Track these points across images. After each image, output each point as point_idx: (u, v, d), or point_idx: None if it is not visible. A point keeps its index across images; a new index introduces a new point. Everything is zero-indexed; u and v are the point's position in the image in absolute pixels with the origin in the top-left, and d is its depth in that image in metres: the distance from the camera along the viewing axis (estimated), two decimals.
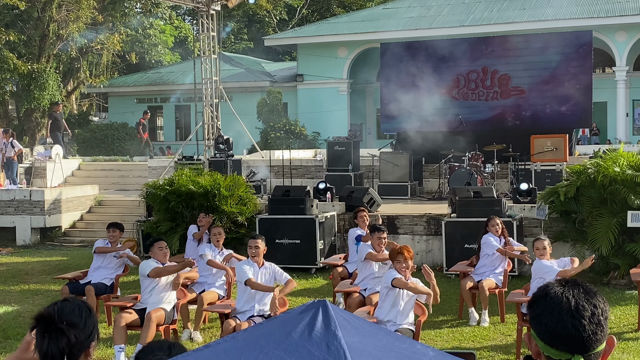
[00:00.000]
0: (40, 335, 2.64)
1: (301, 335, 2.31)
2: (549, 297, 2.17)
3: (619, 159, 11.35)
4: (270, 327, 2.47)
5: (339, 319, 2.36)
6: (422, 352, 2.47)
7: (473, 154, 16.47)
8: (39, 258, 15.18)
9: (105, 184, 20.81)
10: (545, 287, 2.22)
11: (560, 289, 2.18)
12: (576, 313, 2.11)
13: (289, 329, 2.34)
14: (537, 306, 2.18)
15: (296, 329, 2.33)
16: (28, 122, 27.31)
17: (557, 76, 17.90)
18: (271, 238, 12.98)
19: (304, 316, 2.38)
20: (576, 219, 11.65)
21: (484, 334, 8.93)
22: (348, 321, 2.44)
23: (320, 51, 30.75)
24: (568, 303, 2.13)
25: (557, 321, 2.12)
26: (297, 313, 2.42)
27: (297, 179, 18.91)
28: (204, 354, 2.44)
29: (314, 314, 2.37)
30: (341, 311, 2.49)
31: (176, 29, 42.09)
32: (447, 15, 29.78)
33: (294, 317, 2.40)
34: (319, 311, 2.38)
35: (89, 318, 2.73)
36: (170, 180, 13.77)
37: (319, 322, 2.34)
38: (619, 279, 11.23)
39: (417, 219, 13.44)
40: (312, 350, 2.27)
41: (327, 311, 2.37)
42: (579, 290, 2.17)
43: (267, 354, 2.29)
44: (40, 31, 26.31)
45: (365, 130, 32.20)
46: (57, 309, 2.67)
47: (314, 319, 2.35)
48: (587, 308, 2.12)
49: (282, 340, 2.32)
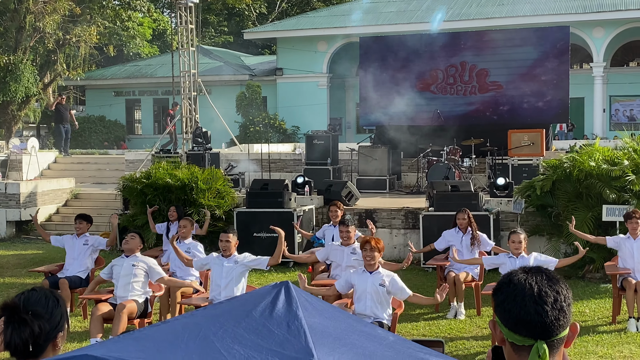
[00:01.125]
0: (5, 325, 2.60)
1: (262, 314, 2.31)
2: (512, 284, 2.19)
3: (595, 154, 11.45)
4: (230, 305, 2.46)
5: (301, 300, 2.36)
6: (382, 336, 2.47)
7: (451, 149, 16.53)
8: (14, 251, 15.03)
9: (81, 177, 20.63)
10: (509, 275, 2.25)
11: (523, 276, 2.20)
12: (539, 299, 2.13)
13: (250, 308, 2.33)
14: (501, 293, 2.21)
15: (257, 308, 2.33)
16: (4, 115, 26.99)
17: (534, 71, 18.01)
18: (249, 232, 12.96)
19: (265, 296, 2.37)
20: (552, 213, 11.73)
21: (460, 326, 8.98)
22: (310, 303, 2.43)
23: (300, 45, 30.71)
24: (531, 289, 2.15)
25: (520, 307, 2.13)
26: (259, 294, 2.42)
27: (276, 173, 18.88)
28: (162, 328, 2.42)
29: (276, 294, 2.36)
30: (304, 293, 2.48)
31: (154, 21, 41.81)
32: (427, 10, 29.85)
33: (255, 297, 2.39)
34: (281, 291, 2.38)
35: (56, 308, 2.69)
36: (147, 174, 13.69)
37: (280, 302, 2.33)
38: (593, 272, 11.33)
39: (395, 213, 13.47)
40: (272, 329, 2.27)
41: (290, 292, 2.37)
42: (542, 277, 2.19)
43: (227, 330, 2.28)
44: (17, 23, 26.00)
45: (344, 124, 32.24)
46: (24, 299, 2.64)
47: (276, 298, 2.34)
48: (550, 294, 2.14)
49: (243, 318, 2.31)
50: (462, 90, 18.54)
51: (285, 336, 2.24)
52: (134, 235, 8.32)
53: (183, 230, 9.57)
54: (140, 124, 35.19)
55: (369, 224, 10.14)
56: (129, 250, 8.19)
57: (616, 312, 9.05)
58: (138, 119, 35.22)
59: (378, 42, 19.83)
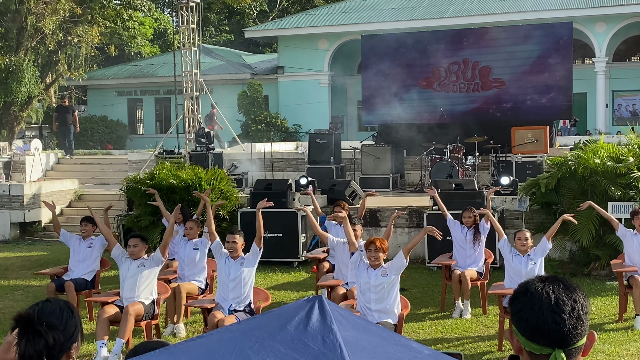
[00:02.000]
0: (19, 336, 2.59)
1: (296, 328, 2.31)
2: (529, 293, 2.19)
3: (599, 151, 11.43)
4: (265, 319, 2.45)
5: (335, 314, 2.36)
6: (417, 349, 2.47)
7: (454, 146, 16.51)
8: (18, 253, 15.04)
9: (85, 178, 20.64)
10: (526, 283, 2.25)
11: (540, 285, 2.20)
12: (556, 307, 2.13)
13: (284, 322, 2.34)
14: (518, 302, 2.20)
15: (291, 322, 2.33)
16: (6, 116, 26.99)
17: (537, 68, 17.97)
18: (253, 232, 12.90)
19: (299, 310, 2.37)
20: (557, 210, 11.70)
21: (466, 326, 8.97)
22: (344, 316, 2.44)
23: (301, 43, 30.67)
24: (548, 298, 2.15)
25: (537, 316, 2.13)
26: (292, 308, 2.42)
27: (279, 172, 18.87)
28: (197, 343, 2.43)
29: (310, 308, 2.36)
30: (337, 307, 2.49)
31: (155, 20, 41.78)
32: (428, 6, 29.81)
33: (289, 311, 2.39)
34: (315, 305, 2.38)
35: (70, 319, 2.68)
36: (151, 174, 13.68)
37: (314, 316, 2.33)
38: (599, 269, 11.32)
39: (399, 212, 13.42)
40: (307, 342, 2.27)
41: (323, 306, 2.37)
42: (559, 285, 2.19)
43: (262, 344, 2.28)
44: (18, 24, 25.98)
45: (346, 122, 32.17)
46: (37, 310, 2.63)
47: (310, 312, 2.35)
48: (567, 303, 2.14)
49: (277, 331, 2.32)
50: (465, 88, 18.50)
51: (321, 350, 2.24)
52: (136, 242, 8.19)
53: (190, 232, 9.55)
54: (142, 123, 35.18)
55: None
56: (135, 256, 8.13)
57: (623, 310, 9.04)
58: (140, 119, 35.21)
59: (380, 40, 19.80)
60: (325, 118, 29.29)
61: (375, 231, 13.45)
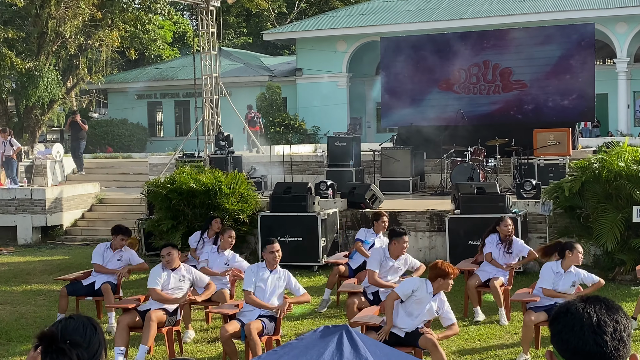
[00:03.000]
0: (43, 355, 2.58)
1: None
2: (570, 313, 2.14)
3: (624, 154, 11.28)
4: (293, 353, 2.39)
5: (367, 343, 2.31)
6: None
7: (475, 149, 16.39)
8: (40, 257, 15.11)
9: (106, 182, 20.75)
10: (567, 304, 2.20)
11: (581, 305, 2.15)
12: (598, 329, 2.08)
13: (316, 355, 2.28)
14: (558, 323, 2.15)
15: (323, 356, 2.27)
16: (28, 120, 27.20)
17: (559, 69, 17.81)
18: (273, 235, 12.86)
19: (328, 341, 2.32)
20: (581, 214, 11.57)
21: (490, 332, 8.87)
22: (376, 346, 2.39)
23: (319, 45, 30.65)
24: (589, 319, 2.10)
25: (578, 337, 2.08)
26: (318, 337, 2.36)
27: (298, 175, 18.84)
28: None
29: (339, 339, 2.31)
30: (364, 336, 2.44)
31: (175, 24, 41.96)
32: (447, 8, 29.68)
33: (316, 342, 2.34)
34: (343, 336, 2.32)
35: (94, 336, 2.66)
36: (172, 178, 13.70)
37: (346, 347, 2.28)
38: (624, 274, 11.18)
39: (419, 215, 13.37)
40: None
41: (352, 335, 2.32)
42: (601, 306, 2.14)
43: None
44: (39, 28, 26.17)
45: (364, 124, 32.12)
46: (61, 328, 2.61)
47: (340, 343, 2.30)
48: (609, 324, 2.09)
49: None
50: (486, 90, 18.38)
51: None
52: (170, 250, 8.03)
53: (228, 240, 9.44)
54: (162, 126, 35.34)
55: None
56: (170, 265, 8.00)
57: None
58: (160, 122, 35.38)
59: (399, 42, 19.71)
60: (343, 120, 29.26)
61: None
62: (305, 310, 10.11)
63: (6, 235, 17.17)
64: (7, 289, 12.08)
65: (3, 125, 20.60)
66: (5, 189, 17.48)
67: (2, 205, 17.18)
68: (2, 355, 8.42)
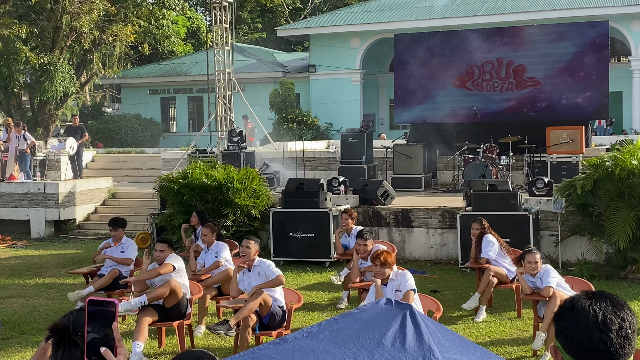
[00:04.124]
0: (55, 347, 2.61)
1: (393, 345, 2.26)
2: (576, 310, 2.14)
3: (637, 152, 11.21)
4: (355, 328, 2.36)
5: (432, 330, 2.31)
6: None
7: (488, 146, 16.34)
8: (53, 251, 15.22)
9: (119, 176, 20.85)
10: (572, 300, 2.20)
11: (587, 302, 2.15)
12: (603, 326, 2.08)
13: (378, 336, 2.28)
14: (564, 319, 2.15)
15: (386, 337, 2.27)
16: (42, 114, 27.37)
17: (573, 67, 17.72)
18: (285, 231, 12.99)
19: (390, 321, 2.31)
20: (593, 212, 11.52)
21: (501, 329, 8.86)
22: (441, 333, 2.38)
23: (333, 41, 30.63)
24: (595, 316, 2.10)
25: (584, 335, 2.09)
26: (381, 315, 2.34)
27: (310, 171, 18.85)
28: (289, 348, 2.34)
29: (402, 320, 2.30)
30: (429, 320, 2.43)
31: (188, 19, 42.04)
32: (460, 4, 29.57)
33: (378, 319, 2.33)
34: (407, 317, 2.32)
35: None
36: (184, 174, 13.75)
37: (410, 331, 2.28)
38: (636, 273, 11.13)
39: (431, 212, 13.35)
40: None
41: (416, 319, 2.32)
42: (607, 302, 2.14)
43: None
44: (53, 23, 26.30)
45: (377, 121, 32.09)
46: (73, 320, 2.63)
47: (403, 326, 2.29)
48: (615, 321, 2.09)
49: (374, 348, 2.26)
50: (499, 87, 18.32)
51: None
52: (162, 247, 8.15)
53: (204, 238, 9.56)
54: (175, 121, 35.44)
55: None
56: (160, 259, 8.12)
57: None
58: (173, 117, 35.48)
59: (413, 39, 19.68)
60: (356, 116, 29.24)
61: (407, 232, 13.38)
62: (323, 304, 10.14)
63: (20, 229, 17.30)
64: (20, 282, 12.18)
65: (17, 120, 20.70)
66: (19, 183, 17.61)
67: (16, 199, 17.32)
68: (15, 347, 8.50)
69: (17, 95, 27.57)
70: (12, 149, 18.38)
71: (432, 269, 12.45)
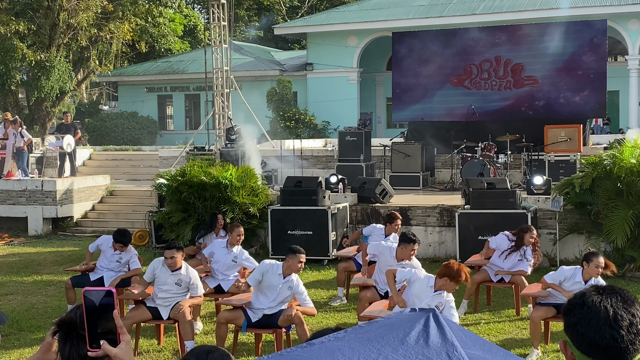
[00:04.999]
0: (62, 341, 2.62)
1: (417, 342, 2.28)
2: (586, 306, 2.12)
3: (635, 150, 11.24)
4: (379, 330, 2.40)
5: (454, 330, 2.33)
6: None
7: (486, 144, 16.36)
8: (51, 248, 15.19)
9: (116, 174, 20.81)
10: (582, 295, 2.18)
11: (598, 298, 2.13)
12: (614, 323, 2.07)
13: (402, 335, 2.30)
14: (574, 315, 2.14)
15: (410, 335, 2.29)
16: (38, 112, 27.32)
17: (570, 65, 17.76)
18: (283, 229, 12.98)
19: (414, 323, 2.34)
20: (591, 210, 11.54)
21: (500, 327, 8.87)
22: (463, 332, 2.40)
23: (330, 40, 30.61)
24: (606, 312, 2.09)
25: (595, 331, 2.08)
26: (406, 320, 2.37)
27: (308, 169, 18.84)
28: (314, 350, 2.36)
29: (425, 322, 2.33)
30: (450, 321, 2.45)
31: (185, 17, 41.99)
32: (458, 3, 29.57)
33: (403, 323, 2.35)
34: (430, 319, 2.34)
35: None
36: (182, 171, 13.73)
37: (433, 330, 2.30)
38: (634, 271, 11.15)
39: (429, 210, 13.36)
40: (431, 357, 2.25)
41: (439, 320, 2.34)
42: (617, 298, 2.13)
43: (386, 357, 2.26)
44: (51, 20, 26.24)
45: (375, 120, 32.10)
46: (79, 315, 2.64)
47: (427, 326, 2.31)
48: (626, 317, 2.08)
49: (398, 345, 2.29)
50: (497, 85, 18.34)
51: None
52: (174, 253, 7.84)
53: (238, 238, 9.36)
54: (172, 119, 35.40)
55: None
56: (172, 266, 7.87)
57: None
58: (170, 115, 35.43)
59: (410, 37, 19.69)
60: (354, 115, 29.23)
61: (405, 229, 13.35)
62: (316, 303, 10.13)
63: (17, 226, 17.27)
64: (18, 279, 12.16)
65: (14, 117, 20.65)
66: (17, 180, 17.57)
67: (14, 196, 17.28)
68: (14, 344, 8.48)
69: (14, 92, 27.50)
70: (9, 146, 18.33)
71: (431, 267, 12.44)
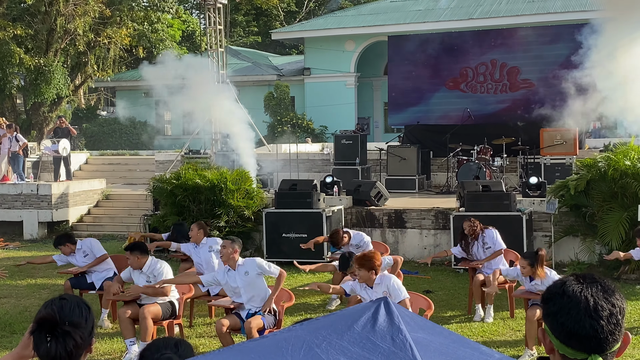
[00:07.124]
0: (44, 338, 2.55)
1: (364, 328, 2.29)
2: (567, 295, 2.09)
3: (630, 153, 11.23)
4: (330, 320, 2.44)
5: (402, 315, 2.33)
6: (487, 352, 2.44)
7: (482, 148, 16.35)
8: (46, 252, 15.09)
9: (112, 178, 20.79)
10: (563, 284, 2.13)
11: (578, 287, 2.09)
12: (594, 314, 2.04)
13: (351, 322, 2.31)
14: (554, 304, 2.10)
15: (358, 322, 2.31)
16: (35, 116, 27.32)
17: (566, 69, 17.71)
18: (278, 232, 12.95)
19: (365, 311, 2.36)
20: (586, 213, 11.52)
21: (493, 329, 8.84)
22: (412, 318, 2.41)
23: (328, 45, 30.64)
24: (586, 302, 2.05)
25: (574, 321, 2.04)
26: (358, 309, 2.41)
27: (304, 173, 18.83)
28: (264, 341, 2.41)
29: (376, 309, 2.34)
30: (404, 309, 2.46)
31: (183, 22, 42.01)
32: (455, 8, 29.60)
33: (354, 313, 2.38)
34: (381, 306, 2.35)
35: (89, 315, 2.68)
36: (177, 175, 13.73)
37: (381, 316, 2.32)
38: (629, 273, 11.12)
39: (425, 213, 13.34)
40: (376, 342, 2.25)
41: (389, 307, 2.35)
42: (598, 288, 2.09)
43: (330, 343, 2.27)
44: (48, 25, 26.26)
45: (372, 124, 32.10)
46: (57, 309, 2.59)
47: (377, 313, 2.33)
48: (606, 307, 2.05)
49: (345, 331, 2.30)
50: (493, 89, 18.33)
51: (390, 349, 2.22)
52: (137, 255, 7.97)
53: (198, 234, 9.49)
54: (169, 124, 35.37)
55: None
56: (135, 267, 7.99)
57: None
58: (168, 120, 35.40)
59: (407, 41, 19.69)
60: (351, 119, 29.23)
61: (400, 233, 13.36)
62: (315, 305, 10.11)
63: (12, 230, 17.23)
64: (12, 283, 12.12)
65: (10, 122, 20.63)
66: (12, 184, 17.54)
67: (9, 200, 17.25)
68: (6, 347, 8.45)
69: (11, 97, 27.49)
70: (4, 150, 18.31)
71: (426, 269, 12.42)
